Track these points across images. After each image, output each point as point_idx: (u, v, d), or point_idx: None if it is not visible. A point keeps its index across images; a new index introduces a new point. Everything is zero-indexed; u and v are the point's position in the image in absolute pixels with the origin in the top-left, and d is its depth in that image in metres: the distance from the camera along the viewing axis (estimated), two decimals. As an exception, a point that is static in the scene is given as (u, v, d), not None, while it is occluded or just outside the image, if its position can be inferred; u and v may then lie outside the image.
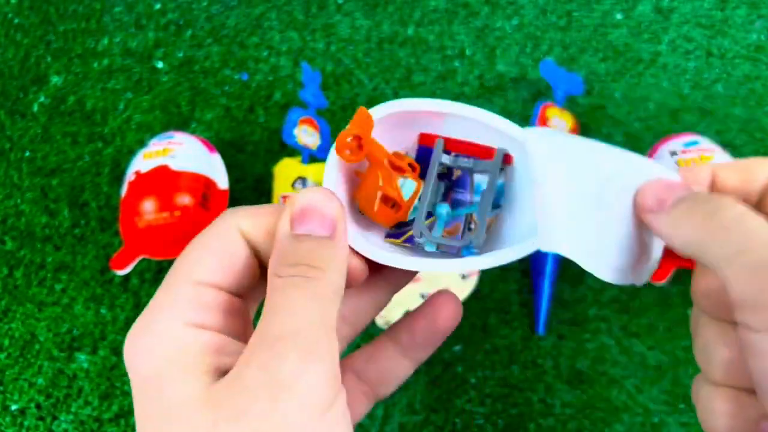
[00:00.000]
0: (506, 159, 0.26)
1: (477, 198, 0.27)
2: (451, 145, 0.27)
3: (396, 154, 0.27)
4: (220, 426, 0.18)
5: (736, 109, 0.54)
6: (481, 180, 0.27)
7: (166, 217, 0.46)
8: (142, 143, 0.55)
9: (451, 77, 0.57)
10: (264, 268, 0.23)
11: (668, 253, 0.47)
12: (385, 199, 0.26)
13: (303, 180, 0.49)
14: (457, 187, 0.27)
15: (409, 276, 0.27)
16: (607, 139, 0.53)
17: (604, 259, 0.24)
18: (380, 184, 0.25)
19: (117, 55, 0.60)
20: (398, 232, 0.27)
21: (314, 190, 0.22)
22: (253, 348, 0.19)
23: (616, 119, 0.54)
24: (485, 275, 0.49)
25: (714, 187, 0.24)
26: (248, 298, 0.24)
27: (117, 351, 0.48)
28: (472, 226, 0.26)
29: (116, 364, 0.48)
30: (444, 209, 0.27)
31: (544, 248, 0.24)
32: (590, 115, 0.54)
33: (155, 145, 0.50)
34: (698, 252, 0.21)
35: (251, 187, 0.53)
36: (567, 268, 0.49)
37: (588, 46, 0.57)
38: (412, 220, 0.26)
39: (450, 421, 0.44)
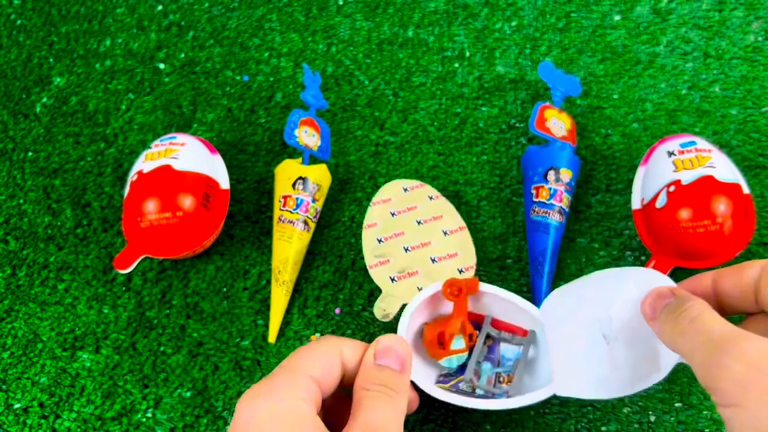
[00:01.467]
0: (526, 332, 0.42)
1: (505, 361, 0.42)
2: (494, 323, 0.42)
3: (467, 319, 0.41)
4: None
5: (733, 109, 0.54)
6: (504, 349, 0.42)
7: (168, 217, 0.47)
8: (144, 144, 0.56)
9: (451, 78, 0.57)
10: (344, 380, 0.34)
11: (665, 251, 0.47)
12: (441, 336, 0.39)
13: (304, 180, 0.50)
14: (487, 353, 0.42)
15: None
16: (605, 139, 0.54)
17: (614, 383, 0.33)
18: (449, 327, 0.39)
19: (119, 56, 0.60)
20: (446, 380, 0.41)
21: (392, 337, 0.35)
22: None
23: (614, 120, 0.55)
24: (483, 275, 0.49)
25: (717, 292, 0.32)
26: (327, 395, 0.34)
27: (119, 350, 0.49)
28: (501, 379, 0.41)
29: (119, 362, 0.48)
30: (488, 366, 0.42)
31: (560, 393, 0.36)
32: (588, 116, 0.55)
33: (157, 145, 0.50)
34: (676, 350, 0.29)
35: (252, 187, 0.54)
36: (565, 268, 0.49)
37: (586, 48, 0.58)
38: (456, 372, 0.41)
39: (449, 420, 0.45)
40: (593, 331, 0.34)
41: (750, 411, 0.23)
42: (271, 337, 0.48)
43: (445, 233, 0.48)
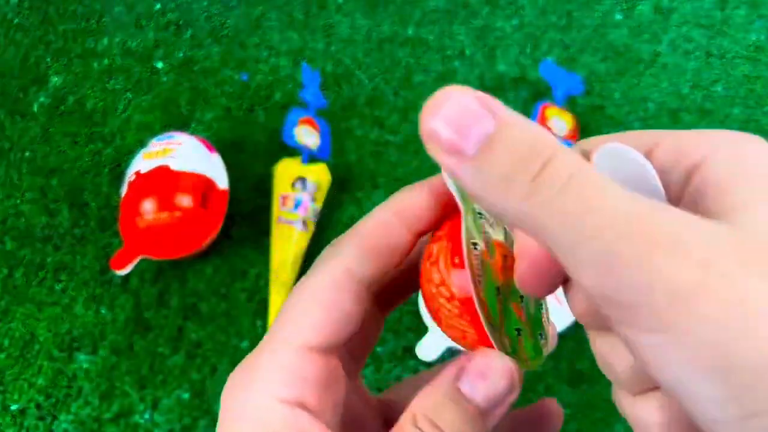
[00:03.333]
0: None
1: None
2: None
3: None
4: None
5: (736, 109, 0.54)
6: None
7: (166, 217, 0.46)
8: (142, 143, 0.55)
9: (451, 77, 0.57)
10: (374, 299, 0.20)
11: None
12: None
13: (303, 180, 0.49)
14: None
15: None
16: (607, 139, 0.54)
17: None
18: None
19: (117, 56, 0.60)
20: None
21: (496, 354, 0.19)
22: None
23: (616, 119, 0.54)
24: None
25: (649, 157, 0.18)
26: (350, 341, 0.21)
27: (117, 351, 0.48)
28: None
29: (116, 364, 0.48)
30: None
31: None
32: (590, 115, 0.55)
33: (155, 145, 0.50)
34: (528, 230, 0.15)
35: (251, 187, 0.53)
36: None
37: (588, 47, 0.57)
38: None
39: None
40: None
41: (696, 336, 0.13)
42: (270, 339, 0.47)
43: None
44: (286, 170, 0.50)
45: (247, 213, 0.53)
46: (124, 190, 0.49)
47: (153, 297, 0.50)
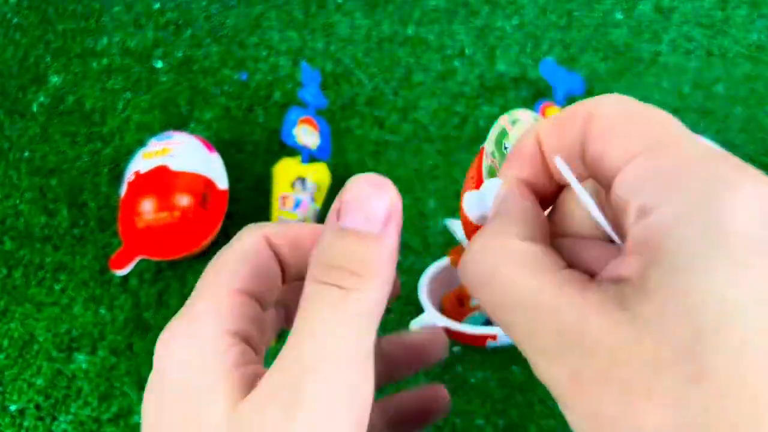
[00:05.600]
0: None
1: None
2: None
3: None
4: None
5: (737, 108, 0.54)
6: None
7: (165, 218, 0.46)
8: (141, 143, 0.55)
9: (451, 77, 0.57)
10: (286, 275, 0.22)
11: None
12: (458, 296, 0.39)
13: (302, 180, 0.49)
14: None
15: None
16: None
17: None
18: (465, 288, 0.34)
19: (116, 55, 0.59)
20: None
21: (366, 178, 0.19)
22: (276, 376, 0.18)
23: (617, 119, 0.54)
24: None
25: (545, 155, 0.19)
26: (267, 303, 0.23)
27: (116, 351, 0.48)
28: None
29: (115, 364, 0.48)
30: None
31: None
32: (590, 114, 0.54)
33: (154, 144, 0.49)
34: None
35: (251, 186, 0.53)
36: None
37: (588, 46, 0.57)
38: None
39: (450, 422, 0.44)
40: None
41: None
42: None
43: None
44: (285, 170, 0.50)
45: (247, 213, 0.52)
46: (123, 190, 0.48)
47: (152, 297, 0.50)
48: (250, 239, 0.21)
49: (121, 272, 0.47)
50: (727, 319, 0.13)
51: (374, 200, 0.19)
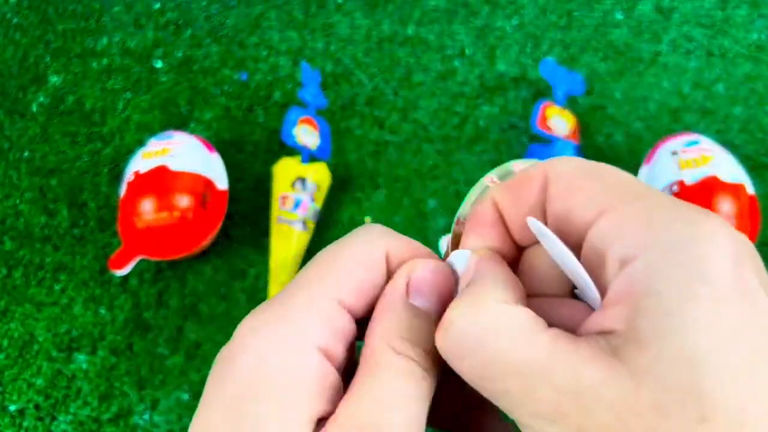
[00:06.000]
0: None
1: None
2: None
3: None
4: None
5: (737, 108, 0.54)
6: None
7: (165, 218, 0.46)
8: (141, 143, 0.55)
9: (451, 77, 0.57)
10: None
11: None
12: None
13: (302, 180, 0.49)
14: None
15: None
16: (608, 138, 0.53)
17: None
18: None
19: (116, 55, 0.59)
20: None
21: (437, 264, 0.19)
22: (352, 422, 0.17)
23: (617, 119, 0.54)
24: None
25: (505, 221, 0.20)
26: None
27: (116, 351, 0.48)
28: None
29: (115, 364, 0.48)
30: None
31: None
32: (590, 114, 0.54)
33: (154, 144, 0.49)
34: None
35: (250, 187, 0.53)
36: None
37: (588, 46, 0.57)
38: None
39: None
40: None
41: None
42: (270, 339, 0.47)
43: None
44: (285, 170, 0.50)
45: (247, 213, 0.52)
46: (123, 190, 0.48)
47: (152, 297, 0.50)
48: (370, 249, 0.19)
49: (120, 272, 0.47)
50: (719, 357, 0.14)
51: (441, 280, 0.19)
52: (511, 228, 0.19)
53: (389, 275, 0.19)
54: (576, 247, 0.17)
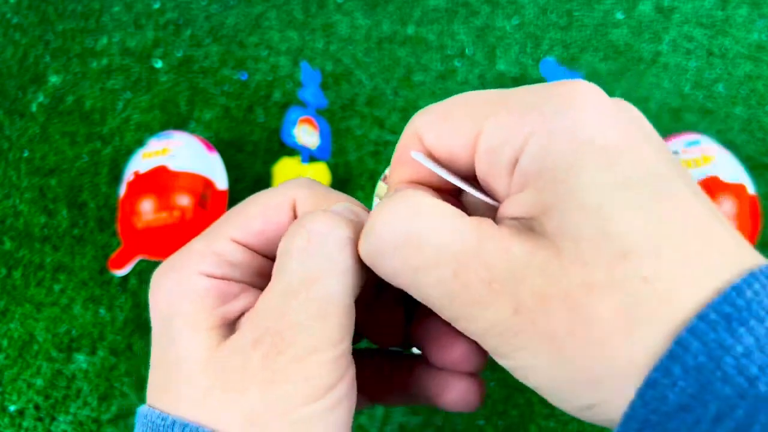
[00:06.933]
0: None
1: None
2: None
3: None
4: (213, 394, 0.18)
5: (737, 108, 0.54)
6: None
7: (164, 218, 0.46)
8: (140, 143, 0.55)
9: (452, 77, 0.57)
10: None
11: None
12: None
13: (302, 180, 0.49)
14: None
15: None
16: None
17: None
18: None
19: (116, 55, 0.59)
20: None
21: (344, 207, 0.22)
22: (259, 317, 0.19)
23: (617, 119, 0.54)
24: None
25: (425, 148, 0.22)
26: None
27: (116, 351, 0.48)
28: None
29: (115, 364, 0.48)
30: None
31: None
32: (591, 114, 0.54)
33: (154, 144, 0.49)
34: None
35: (250, 187, 0.53)
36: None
37: (588, 46, 0.57)
38: None
39: (450, 422, 0.44)
40: None
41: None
42: (270, 339, 0.47)
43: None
44: (285, 170, 0.50)
45: (247, 213, 0.52)
46: (122, 189, 0.48)
47: (152, 297, 0.50)
48: (275, 196, 0.22)
49: (120, 272, 0.47)
50: (614, 201, 0.16)
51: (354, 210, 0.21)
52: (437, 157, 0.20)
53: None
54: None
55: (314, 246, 0.19)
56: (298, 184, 0.22)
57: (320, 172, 0.50)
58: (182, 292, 0.20)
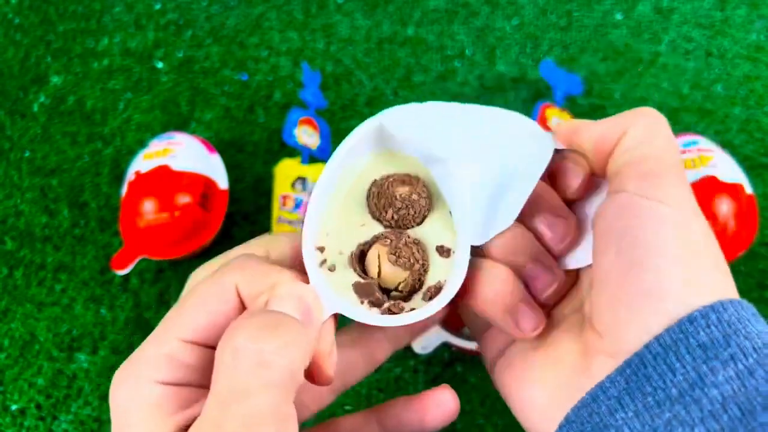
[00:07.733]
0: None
1: None
2: None
3: None
4: None
5: (736, 108, 0.54)
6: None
7: (166, 217, 0.46)
8: (141, 143, 0.55)
9: (451, 77, 0.57)
10: None
11: None
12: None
13: (303, 180, 0.49)
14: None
15: (405, 337, 0.28)
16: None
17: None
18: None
19: (117, 55, 0.60)
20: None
21: (298, 286, 0.22)
22: (202, 427, 0.20)
23: (616, 119, 0.54)
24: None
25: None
26: None
27: (117, 351, 0.48)
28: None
29: (116, 364, 0.48)
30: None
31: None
32: (590, 115, 0.54)
33: (155, 145, 0.50)
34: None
35: (251, 187, 0.53)
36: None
37: (588, 46, 0.57)
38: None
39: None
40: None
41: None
42: (270, 339, 0.47)
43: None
44: (286, 170, 0.50)
45: (247, 213, 0.53)
46: (124, 190, 0.49)
47: (153, 297, 0.50)
48: (218, 287, 0.22)
49: (121, 272, 0.47)
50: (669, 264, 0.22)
51: (305, 297, 0.22)
52: None
53: (244, 303, 0.23)
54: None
55: (241, 362, 0.19)
56: (236, 266, 0.22)
57: (320, 172, 0.50)
58: (137, 403, 0.21)
